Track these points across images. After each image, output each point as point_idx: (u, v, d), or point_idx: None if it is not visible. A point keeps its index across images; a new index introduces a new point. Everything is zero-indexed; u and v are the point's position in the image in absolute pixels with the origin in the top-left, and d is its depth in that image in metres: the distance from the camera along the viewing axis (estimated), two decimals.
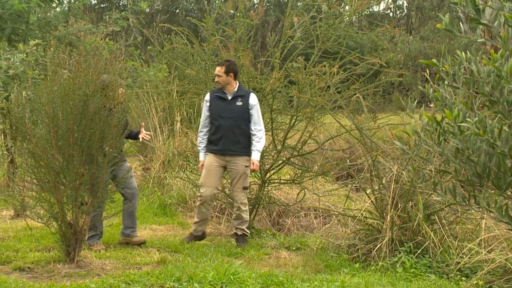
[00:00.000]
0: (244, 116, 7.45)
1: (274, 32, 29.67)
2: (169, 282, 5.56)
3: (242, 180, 7.53)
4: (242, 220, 7.59)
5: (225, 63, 7.50)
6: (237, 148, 7.45)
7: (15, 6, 9.08)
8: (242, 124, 7.45)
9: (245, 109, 7.46)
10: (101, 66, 6.36)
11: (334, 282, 5.76)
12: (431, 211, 6.80)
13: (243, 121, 7.46)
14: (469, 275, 6.14)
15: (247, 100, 7.48)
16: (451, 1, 3.71)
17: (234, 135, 7.44)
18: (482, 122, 3.65)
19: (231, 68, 7.45)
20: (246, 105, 7.47)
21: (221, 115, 7.47)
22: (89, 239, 7.06)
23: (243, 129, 7.45)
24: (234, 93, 7.49)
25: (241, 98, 7.49)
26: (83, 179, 6.26)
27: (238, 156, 7.48)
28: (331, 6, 8.41)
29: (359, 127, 7.65)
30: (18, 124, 6.25)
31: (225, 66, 7.44)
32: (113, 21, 11.93)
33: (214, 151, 7.52)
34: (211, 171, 7.51)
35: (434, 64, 4.03)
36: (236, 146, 7.45)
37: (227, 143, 7.45)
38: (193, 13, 36.61)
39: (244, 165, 7.50)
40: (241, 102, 7.48)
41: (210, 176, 7.51)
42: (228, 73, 7.43)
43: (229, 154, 7.48)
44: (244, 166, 7.50)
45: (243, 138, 7.46)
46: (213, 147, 7.53)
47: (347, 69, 8.59)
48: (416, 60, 26.43)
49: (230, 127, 7.44)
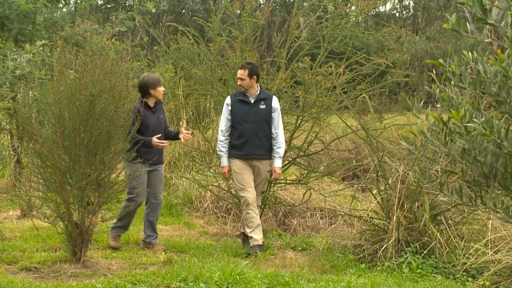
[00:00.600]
0: (267, 120, 7.34)
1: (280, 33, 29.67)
2: (175, 282, 5.57)
3: (263, 185, 7.53)
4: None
5: (247, 66, 7.32)
6: (262, 152, 7.35)
7: (22, 7, 9.10)
8: (266, 128, 7.34)
9: (268, 112, 7.35)
10: (108, 66, 6.37)
11: (340, 282, 5.75)
12: (438, 212, 6.78)
13: (267, 124, 7.35)
14: (476, 276, 6.12)
15: (270, 103, 7.36)
16: (458, 1, 3.70)
17: (259, 139, 7.31)
18: (489, 123, 3.64)
19: (254, 71, 7.30)
20: (269, 108, 7.36)
21: (244, 119, 7.31)
22: (147, 238, 7.28)
23: (266, 132, 7.35)
24: (257, 96, 7.36)
25: (263, 101, 7.36)
26: (89, 179, 6.28)
27: (263, 160, 7.40)
28: (338, 6, 8.40)
29: (365, 128, 7.63)
30: (25, 124, 6.27)
31: (248, 69, 7.27)
32: (120, 22, 11.93)
33: (239, 156, 7.35)
34: (245, 173, 7.34)
35: (441, 64, 4.02)
36: (261, 150, 7.33)
37: (252, 147, 7.30)
38: (199, 13, 36.65)
39: (267, 169, 7.45)
40: (264, 105, 7.34)
41: (246, 178, 7.33)
42: (252, 76, 7.28)
43: (255, 158, 7.35)
44: (266, 171, 7.45)
45: (266, 142, 7.36)
46: (238, 152, 7.36)
47: (353, 70, 8.59)
48: (423, 60, 26.37)
49: (255, 131, 7.29)
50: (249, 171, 7.35)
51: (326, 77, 8.36)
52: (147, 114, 7.06)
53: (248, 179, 7.32)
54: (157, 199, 7.33)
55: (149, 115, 7.12)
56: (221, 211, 9.36)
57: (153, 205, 7.30)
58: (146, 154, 6.96)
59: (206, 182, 9.58)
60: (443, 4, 35.40)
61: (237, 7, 8.85)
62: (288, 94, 8.59)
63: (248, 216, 7.29)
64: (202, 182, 9.60)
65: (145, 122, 6.96)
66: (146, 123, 7.00)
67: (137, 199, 7.10)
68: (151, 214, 7.31)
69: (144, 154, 6.91)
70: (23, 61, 7.45)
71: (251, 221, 7.27)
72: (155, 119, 7.20)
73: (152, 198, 7.29)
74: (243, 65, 7.36)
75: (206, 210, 9.42)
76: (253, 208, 7.29)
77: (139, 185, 7.02)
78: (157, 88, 7.17)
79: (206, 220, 9.13)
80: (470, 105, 3.82)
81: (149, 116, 7.11)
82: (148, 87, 7.15)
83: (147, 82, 7.16)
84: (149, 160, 6.99)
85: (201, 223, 8.98)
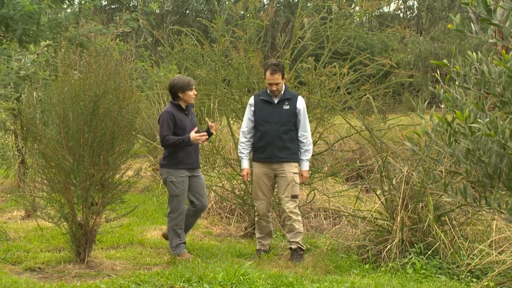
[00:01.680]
0: (291, 121, 6.95)
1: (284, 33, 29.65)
2: (179, 283, 5.58)
3: (291, 188, 6.97)
4: (295, 232, 6.97)
5: (279, 68, 6.93)
6: (285, 155, 6.95)
7: (26, 7, 9.11)
8: (290, 129, 6.95)
9: (293, 113, 6.96)
10: (112, 67, 6.38)
11: (344, 283, 5.75)
12: (442, 212, 6.78)
13: (291, 126, 6.96)
14: (480, 277, 6.12)
15: (295, 103, 6.98)
16: (462, 2, 3.69)
17: (282, 141, 6.92)
18: (493, 123, 3.63)
19: (283, 71, 7.02)
20: (293, 109, 6.97)
21: (267, 120, 6.98)
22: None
23: (291, 134, 6.95)
24: (281, 96, 7.00)
25: (288, 101, 6.99)
26: (94, 179, 6.29)
27: (286, 163, 6.96)
28: (342, 7, 8.39)
29: (369, 128, 7.62)
30: (29, 124, 6.28)
31: (280, 72, 6.92)
32: (124, 22, 11.93)
33: (260, 159, 7.05)
34: (261, 184, 7.06)
35: (445, 64, 4.01)
36: (284, 152, 6.94)
37: (274, 149, 6.94)
38: (203, 14, 36.65)
39: (293, 171, 6.98)
40: (288, 105, 6.97)
41: (261, 189, 7.07)
42: (283, 76, 7.00)
43: (276, 161, 6.97)
44: (292, 173, 6.97)
45: (291, 144, 6.96)
46: (259, 155, 7.05)
47: (357, 70, 8.58)
48: (427, 61, 26.32)
49: (277, 132, 6.92)
50: (267, 180, 7.06)
51: (330, 77, 8.36)
52: (181, 116, 6.84)
53: (265, 190, 7.07)
54: (203, 203, 7.05)
55: (183, 118, 6.86)
56: (225, 212, 9.36)
57: (197, 209, 7.03)
58: (186, 158, 6.81)
59: (210, 183, 9.58)
60: (447, 4, 35.33)
61: (241, 7, 8.84)
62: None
63: (259, 225, 7.20)
64: (206, 183, 9.59)
65: (180, 124, 6.78)
66: (182, 125, 6.79)
67: (180, 206, 6.86)
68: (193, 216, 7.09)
69: (184, 158, 6.79)
70: (27, 61, 7.46)
71: (261, 228, 7.21)
72: (189, 121, 6.92)
73: (198, 202, 6.97)
74: (273, 68, 6.91)
75: (210, 210, 9.42)
76: (265, 218, 7.13)
77: (181, 192, 6.81)
78: (186, 92, 6.84)
79: (210, 221, 9.13)
80: (475, 105, 3.81)
81: (184, 119, 6.85)
82: (177, 91, 6.86)
83: (176, 85, 6.86)
84: (190, 164, 6.84)
85: (205, 224, 8.98)
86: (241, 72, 8.28)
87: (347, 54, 8.52)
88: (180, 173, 6.78)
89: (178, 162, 6.76)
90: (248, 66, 8.21)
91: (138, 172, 6.86)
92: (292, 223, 6.95)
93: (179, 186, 6.78)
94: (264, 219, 7.14)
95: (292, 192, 6.97)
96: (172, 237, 6.88)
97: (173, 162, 6.78)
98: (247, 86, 8.48)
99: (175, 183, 6.77)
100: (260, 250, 7.17)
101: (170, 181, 6.79)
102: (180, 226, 6.87)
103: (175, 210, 6.83)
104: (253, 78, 8.32)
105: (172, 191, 6.80)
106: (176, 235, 6.87)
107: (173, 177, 6.78)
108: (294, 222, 6.95)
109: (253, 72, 8.32)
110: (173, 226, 6.84)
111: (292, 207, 6.95)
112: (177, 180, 6.77)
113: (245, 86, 8.45)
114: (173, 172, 6.78)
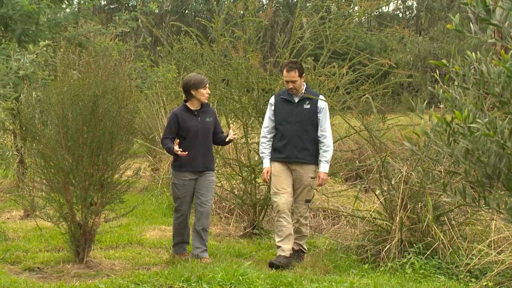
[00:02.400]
0: (311, 121, 6.74)
1: (283, 33, 29.70)
2: (178, 283, 5.58)
3: (306, 192, 6.78)
4: (300, 235, 6.87)
5: (295, 66, 6.73)
6: (304, 156, 6.72)
7: (25, 7, 9.11)
8: (310, 129, 6.73)
9: (313, 112, 6.74)
10: (111, 67, 6.38)
11: (343, 283, 5.75)
12: (441, 212, 6.78)
13: (311, 126, 6.74)
14: (479, 277, 6.12)
15: (316, 102, 6.75)
16: (461, 2, 3.69)
17: (301, 141, 6.70)
18: (492, 123, 3.63)
19: (302, 70, 6.81)
20: (314, 108, 6.75)
21: (286, 119, 6.78)
22: (195, 250, 6.71)
23: (311, 134, 6.73)
24: (301, 96, 6.78)
25: (309, 100, 6.75)
26: (93, 179, 6.29)
27: (304, 165, 6.74)
28: (341, 7, 8.39)
29: (368, 128, 7.62)
30: (28, 124, 6.29)
31: (297, 69, 6.71)
32: (123, 22, 11.95)
33: (279, 159, 6.81)
34: (282, 177, 6.77)
35: (444, 64, 4.01)
36: (303, 153, 6.72)
37: (293, 150, 6.72)
38: (202, 13, 36.67)
39: (310, 176, 6.76)
40: (308, 105, 6.74)
41: (282, 181, 6.76)
42: (301, 75, 6.77)
43: (295, 162, 6.75)
44: (310, 177, 6.75)
45: (311, 145, 6.73)
46: (278, 155, 6.82)
47: (356, 70, 8.58)
48: (426, 61, 26.34)
49: (296, 132, 6.71)
50: (287, 175, 6.78)
51: (329, 77, 8.36)
52: (186, 118, 6.68)
53: (285, 184, 6.75)
54: (203, 206, 6.74)
55: (190, 119, 6.69)
56: (224, 212, 9.36)
57: (198, 213, 6.75)
58: (191, 161, 6.66)
59: None
60: (446, 4, 35.35)
61: (240, 7, 8.84)
62: None
63: (278, 224, 6.75)
64: None
65: (184, 126, 6.65)
66: (186, 127, 6.65)
67: (181, 208, 6.78)
68: (197, 223, 6.74)
69: (188, 161, 6.65)
70: (26, 61, 7.46)
71: (281, 230, 6.72)
72: (198, 123, 6.70)
73: (198, 205, 6.77)
74: (290, 66, 6.74)
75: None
76: (285, 216, 6.69)
77: (183, 195, 6.73)
78: (199, 90, 6.67)
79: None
80: (474, 105, 3.82)
81: (190, 120, 6.68)
82: (190, 88, 6.70)
83: (189, 83, 6.71)
84: (195, 167, 6.69)
85: None
86: (240, 72, 8.27)
87: (346, 54, 8.51)
88: (183, 176, 6.70)
89: (181, 165, 6.68)
90: (247, 66, 8.21)
91: (137, 172, 6.86)
92: (300, 227, 6.81)
93: (180, 189, 6.72)
94: (284, 216, 6.69)
95: (307, 196, 6.81)
96: (174, 235, 6.92)
97: (177, 164, 6.73)
98: (246, 86, 8.47)
99: (177, 185, 6.74)
100: (281, 256, 6.66)
101: (173, 182, 6.80)
102: (183, 226, 6.83)
103: (178, 210, 6.82)
104: (252, 78, 8.32)
105: (174, 193, 6.81)
106: (177, 233, 6.88)
107: (176, 180, 6.75)
108: (302, 226, 6.84)
109: (252, 72, 8.32)
110: (176, 225, 6.86)
111: (303, 211, 6.82)
112: (179, 182, 6.72)
113: (244, 86, 8.44)
114: (176, 174, 6.75)
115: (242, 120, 8.53)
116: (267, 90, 8.39)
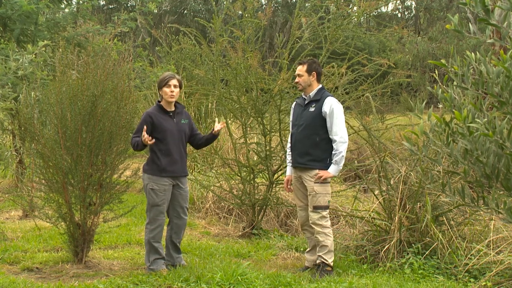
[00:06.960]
0: (315, 124, 6.36)
1: (282, 33, 29.71)
2: (177, 283, 5.58)
3: (311, 198, 6.37)
4: (320, 245, 6.39)
5: (307, 61, 6.53)
6: (305, 161, 6.40)
7: (24, 7, 9.11)
8: (313, 133, 6.35)
9: (317, 115, 6.36)
10: (110, 67, 6.38)
11: (342, 283, 5.76)
12: (440, 212, 6.78)
13: (316, 129, 6.35)
14: (478, 277, 6.12)
15: (321, 105, 6.38)
16: (460, 2, 3.69)
17: (303, 145, 6.41)
18: (491, 123, 3.64)
19: (313, 67, 6.50)
20: (318, 111, 6.36)
21: (295, 123, 6.57)
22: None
23: (314, 138, 6.34)
24: (310, 98, 6.50)
25: (315, 103, 6.43)
26: (91, 179, 6.28)
27: (306, 170, 6.41)
28: (340, 7, 8.39)
29: (367, 128, 7.63)
30: (27, 124, 6.28)
31: (307, 64, 6.49)
32: (122, 22, 11.94)
33: (292, 165, 6.64)
34: (295, 191, 6.63)
35: (443, 64, 4.02)
36: (303, 158, 6.41)
37: (295, 154, 6.51)
38: (201, 14, 36.66)
39: (313, 181, 6.38)
40: (313, 108, 6.42)
41: (297, 193, 6.62)
42: (311, 72, 6.48)
43: (297, 167, 6.52)
44: (312, 183, 6.37)
45: (314, 149, 6.35)
46: (291, 161, 6.67)
47: (355, 70, 8.58)
48: (425, 61, 26.36)
49: (300, 136, 6.44)
50: (301, 185, 6.54)
51: (328, 77, 8.36)
52: (161, 119, 6.20)
53: (299, 195, 6.60)
54: (182, 219, 6.36)
55: (164, 120, 6.20)
56: (223, 212, 9.36)
57: (176, 226, 6.34)
58: (170, 165, 6.16)
59: (208, 183, 9.58)
60: (445, 4, 35.35)
61: (239, 7, 8.84)
62: (290, 95, 8.59)
63: (305, 236, 6.82)
64: (204, 183, 9.60)
65: (160, 127, 6.14)
66: (162, 128, 6.14)
67: (158, 217, 6.19)
68: (175, 236, 6.34)
69: (168, 165, 6.14)
70: (25, 61, 7.45)
71: (308, 241, 6.69)
72: (174, 124, 6.23)
73: (175, 218, 6.33)
74: (302, 61, 6.59)
75: (208, 210, 9.42)
76: (307, 228, 6.59)
77: (162, 202, 6.16)
78: (163, 89, 6.23)
79: (208, 221, 9.13)
80: (473, 105, 3.82)
81: (164, 121, 6.19)
82: (158, 88, 6.36)
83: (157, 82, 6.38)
84: (174, 172, 6.19)
85: (203, 224, 8.98)
86: (239, 72, 8.27)
87: (345, 54, 8.51)
88: (163, 181, 6.14)
89: (161, 169, 6.13)
90: (246, 66, 8.21)
91: (136, 172, 6.86)
92: (316, 235, 6.38)
93: (160, 195, 6.13)
94: (306, 229, 6.59)
95: (314, 203, 6.35)
96: (148, 251, 6.20)
97: (156, 168, 6.14)
98: (245, 86, 8.48)
99: (156, 191, 6.13)
100: (306, 268, 6.57)
101: (151, 188, 6.14)
102: (158, 239, 6.19)
103: (153, 221, 6.18)
104: (251, 78, 8.32)
105: (152, 200, 6.15)
106: (153, 249, 6.17)
107: (155, 185, 6.13)
108: (318, 234, 6.34)
109: (251, 72, 8.32)
110: (150, 239, 6.16)
111: (315, 218, 6.34)
112: (159, 188, 6.13)
113: (243, 86, 8.44)
114: (155, 179, 6.14)
115: (241, 120, 8.52)
116: (266, 90, 8.39)
